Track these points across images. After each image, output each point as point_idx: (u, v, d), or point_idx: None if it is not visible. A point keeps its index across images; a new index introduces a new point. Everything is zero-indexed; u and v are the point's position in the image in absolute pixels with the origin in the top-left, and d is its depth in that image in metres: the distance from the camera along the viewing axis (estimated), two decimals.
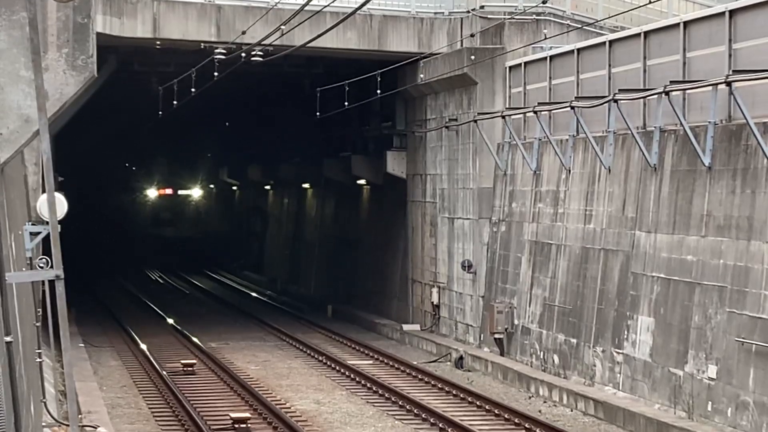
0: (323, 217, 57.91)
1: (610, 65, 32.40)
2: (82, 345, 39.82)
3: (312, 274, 59.63)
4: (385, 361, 39.11)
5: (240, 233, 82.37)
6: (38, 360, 24.54)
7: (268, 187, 71.34)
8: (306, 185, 60.88)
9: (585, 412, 29.74)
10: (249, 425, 30.98)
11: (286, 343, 44.97)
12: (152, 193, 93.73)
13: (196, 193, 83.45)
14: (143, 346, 45.23)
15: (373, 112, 47.31)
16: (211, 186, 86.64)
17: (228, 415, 31.97)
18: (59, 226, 13.79)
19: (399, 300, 47.66)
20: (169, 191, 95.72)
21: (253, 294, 63.52)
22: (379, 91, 42.55)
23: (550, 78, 35.58)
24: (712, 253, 26.67)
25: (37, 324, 26.02)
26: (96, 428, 25.52)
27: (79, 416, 24.47)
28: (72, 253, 50.06)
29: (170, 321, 58.19)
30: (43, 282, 18.93)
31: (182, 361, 41.42)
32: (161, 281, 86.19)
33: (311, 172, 57.85)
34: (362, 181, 52.92)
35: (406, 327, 45.60)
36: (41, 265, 18.05)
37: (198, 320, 59.44)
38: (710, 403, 26.34)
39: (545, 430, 27.46)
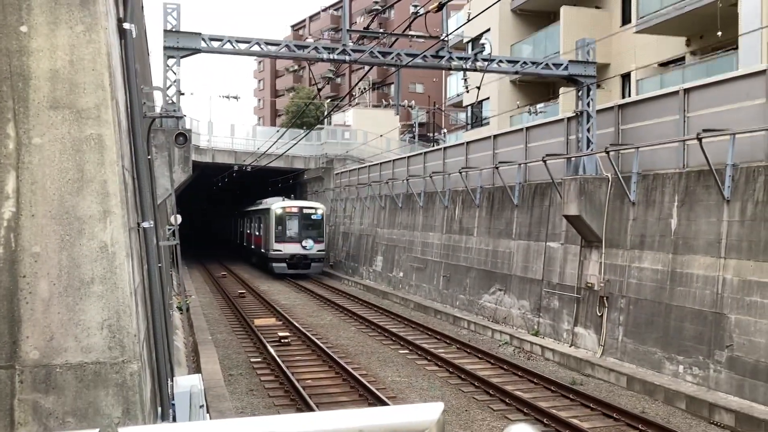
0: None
1: (369, 173, 32.82)
2: (186, 267, 37.61)
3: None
4: None
5: None
6: (170, 273, 23.82)
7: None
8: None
9: (359, 289, 30.33)
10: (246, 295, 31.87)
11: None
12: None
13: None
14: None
15: (288, 188, 46.25)
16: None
17: (236, 291, 32.65)
18: (178, 226, 14.11)
19: None
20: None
21: None
22: (291, 181, 41.88)
23: (349, 176, 35.97)
24: (402, 235, 27.48)
25: (171, 260, 25.18)
26: (191, 296, 24.70)
27: (185, 292, 23.83)
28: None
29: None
30: (173, 246, 18.71)
31: (222, 273, 43.66)
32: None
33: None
34: None
35: None
36: (171, 239, 17.91)
37: (233, 261, 53.93)
38: (400, 285, 26.98)
39: (343, 294, 31.50)
